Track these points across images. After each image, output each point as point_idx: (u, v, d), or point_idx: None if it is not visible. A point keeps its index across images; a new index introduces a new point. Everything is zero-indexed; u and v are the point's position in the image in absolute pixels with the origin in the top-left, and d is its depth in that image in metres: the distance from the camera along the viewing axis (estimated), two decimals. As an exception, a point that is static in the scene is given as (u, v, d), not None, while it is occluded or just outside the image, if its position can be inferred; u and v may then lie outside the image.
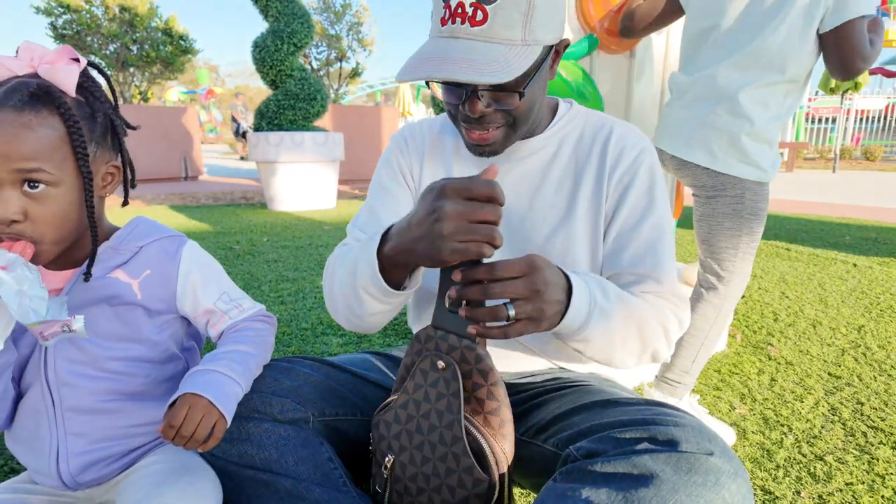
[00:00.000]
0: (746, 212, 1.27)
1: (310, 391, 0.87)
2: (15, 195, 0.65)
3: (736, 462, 0.61)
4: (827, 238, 3.92)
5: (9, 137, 0.63)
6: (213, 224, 4.53)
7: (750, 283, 2.72)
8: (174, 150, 7.96)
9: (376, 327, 0.89)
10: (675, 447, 0.61)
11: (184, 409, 0.70)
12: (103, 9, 8.93)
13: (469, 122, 0.84)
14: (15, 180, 0.65)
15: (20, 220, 0.65)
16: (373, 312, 0.83)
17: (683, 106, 1.33)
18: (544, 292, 0.66)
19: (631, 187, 0.87)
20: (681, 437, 0.62)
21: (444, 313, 0.75)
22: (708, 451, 0.60)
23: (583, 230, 0.89)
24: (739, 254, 1.30)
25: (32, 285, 0.63)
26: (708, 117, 1.27)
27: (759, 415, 1.41)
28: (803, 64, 1.22)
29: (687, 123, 1.31)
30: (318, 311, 2.20)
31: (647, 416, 0.68)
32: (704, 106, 1.28)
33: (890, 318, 2.19)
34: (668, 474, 0.58)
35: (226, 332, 0.87)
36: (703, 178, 1.30)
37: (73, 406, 0.76)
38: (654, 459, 0.60)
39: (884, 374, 1.66)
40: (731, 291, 1.33)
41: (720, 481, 0.58)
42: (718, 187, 1.29)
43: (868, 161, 13.13)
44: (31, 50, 0.68)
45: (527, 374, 0.96)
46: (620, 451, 0.63)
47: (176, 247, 0.83)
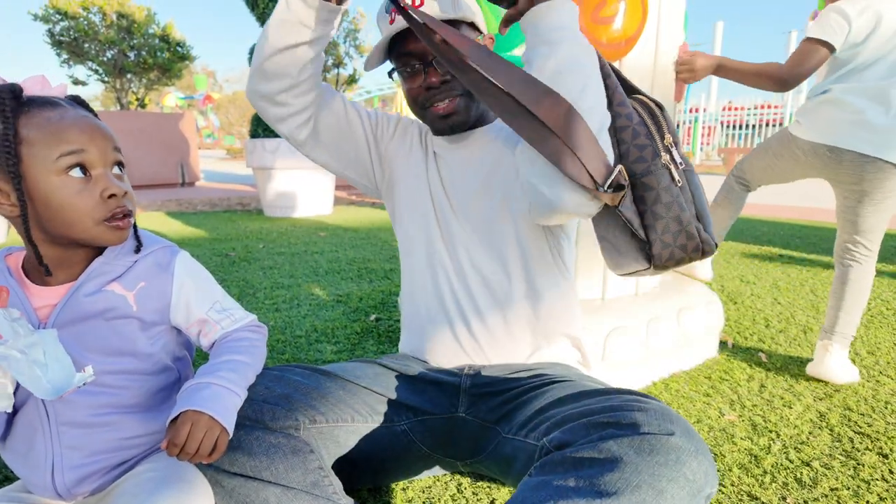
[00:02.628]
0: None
1: (301, 399, 0.89)
2: (114, 174, 0.75)
3: (697, 440, 0.64)
4: (820, 244, 3.95)
5: (101, 124, 0.75)
6: (209, 231, 4.54)
7: (742, 290, 2.74)
8: (171, 156, 7.96)
9: (268, 55, 0.94)
10: (637, 430, 0.64)
11: (186, 427, 0.71)
12: (101, 16, 8.94)
13: (432, 95, 0.98)
14: (113, 160, 0.75)
15: (125, 193, 0.75)
16: (274, 18, 0.91)
17: (882, 114, 1.51)
18: None
19: None
20: (643, 420, 0.65)
21: None
22: (669, 432, 0.63)
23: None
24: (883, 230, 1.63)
25: (27, 335, 0.66)
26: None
27: (747, 421, 1.42)
28: None
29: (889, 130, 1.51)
30: (312, 319, 2.21)
31: (614, 404, 0.70)
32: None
33: (879, 324, 2.21)
34: (632, 457, 0.61)
35: (218, 341, 0.88)
36: (886, 176, 1.52)
37: (68, 420, 0.77)
38: (618, 444, 0.63)
39: (872, 379, 1.68)
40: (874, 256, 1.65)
41: (681, 459, 0.60)
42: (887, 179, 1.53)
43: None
44: (32, 82, 0.76)
45: (515, 370, 0.99)
46: (588, 438, 0.65)
47: (169, 258, 0.85)
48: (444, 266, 1.05)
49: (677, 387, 1.61)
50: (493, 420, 0.92)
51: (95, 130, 0.72)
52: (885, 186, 1.52)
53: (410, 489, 1.12)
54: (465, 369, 1.01)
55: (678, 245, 0.81)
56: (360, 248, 3.78)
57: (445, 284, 1.05)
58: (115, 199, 0.73)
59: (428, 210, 1.07)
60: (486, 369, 1.00)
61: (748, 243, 4.04)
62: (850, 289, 1.64)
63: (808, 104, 1.64)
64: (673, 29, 1.68)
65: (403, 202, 1.11)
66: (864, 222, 1.60)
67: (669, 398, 1.54)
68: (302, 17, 0.89)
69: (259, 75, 0.97)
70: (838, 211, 1.68)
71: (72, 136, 0.70)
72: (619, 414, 0.67)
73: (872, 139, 1.49)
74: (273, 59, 0.93)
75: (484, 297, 1.03)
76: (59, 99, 0.74)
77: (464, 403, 0.97)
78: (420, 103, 1.01)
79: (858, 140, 1.50)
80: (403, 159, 1.12)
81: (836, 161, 1.56)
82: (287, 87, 0.97)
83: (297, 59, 0.93)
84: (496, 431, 0.90)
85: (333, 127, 1.06)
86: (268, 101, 0.99)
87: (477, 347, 1.03)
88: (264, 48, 0.93)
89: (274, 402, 0.86)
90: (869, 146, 1.49)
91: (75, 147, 0.70)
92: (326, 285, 2.75)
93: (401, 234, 1.13)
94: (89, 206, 0.71)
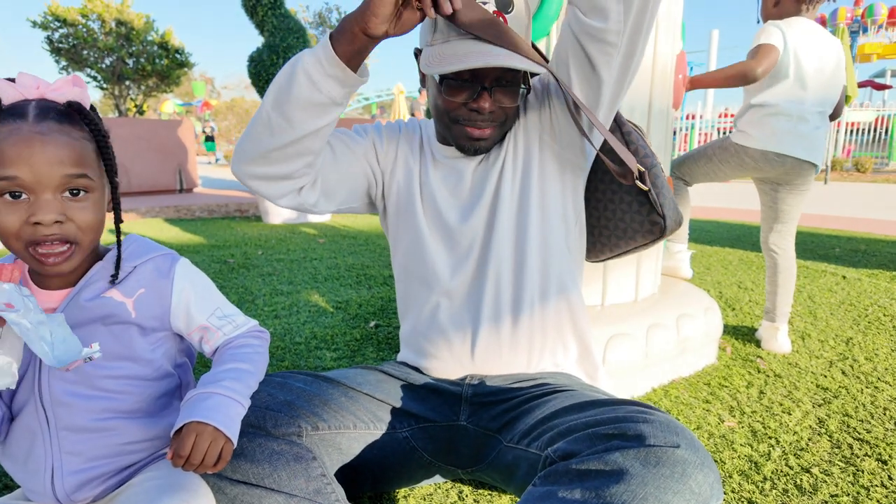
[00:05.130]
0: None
1: (303, 405, 0.89)
2: (59, 199, 0.70)
3: (703, 453, 0.64)
4: (817, 250, 3.97)
5: (61, 144, 0.69)
6: (207, 237, 4.54)
7: (740, 296, 2.75)
8: (169, 163, 7.96)
9: (289, 142, 0.86)
10: (643, 442, 0.64)
11: (191, 438, 0.71)
12: (100, 23, 8.98)
13: (472, 118, 0.94)
14: (61, 185, 0.70)
15: (62, 220, 0.70)
16: (300, 99, 0.82)
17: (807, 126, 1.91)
18: None
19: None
20: (648, 432, 0.65)
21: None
22: (674, 444, 0.63)
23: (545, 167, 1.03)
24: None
25: (36, 313, 0.66)
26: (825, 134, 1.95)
27: (747, 427, 1.42)
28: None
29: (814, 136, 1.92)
30: (311, 326, 2.21)
31: (619, 415, 0.70)
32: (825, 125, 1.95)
33: (877, 330, 2.22)
34: (637, 469, 0.61)
35: (221, 348, 0.88)
36: (809, 174, 1.94)
37: (68, 425, 0.77)
38: (623, 456, 0.63)
39: (870, 386, 1.68)
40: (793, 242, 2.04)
41: (686, 472, 0.61)
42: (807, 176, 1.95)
43: (859, 172, 13.27)
44: (31, 79, 0.73)
45: (517, 379, 0.99)
46: (593, 450, 0.66)
47: (169, 264, 0.85)
48: (440, 280, 1.03)
49: (677, 393, 1.62)
50: (494, 429, 0.92)
51: (39, 153, 0.67)
52: (807, 180, 1.96)
53: (412, 497, 1.12)
54: (466, 378, 1.01)
55: (674, 219, 1.06)
56: (358, 254, 3.78)
57: (442, 297, 1.03)
58: (39, 227, 0.68)
59: (420, 219, 1.05)
60: (489, 379, 1.00)
61: (746, 250, 4.05)
62: (782, 275, 2.01)
63: (753, 117, 1.96)
64: (671, 38, 1.70)
65: (395, 209, 1.09)
66: (787, 212, 2.00)
67: (669, 405, 1.55)
68: (335, 96, 0.82)
69: (262, 160, 0.88)
70: (764, 206, 2.06)
71: (7, 158, 0.66)
72: (625, 425, 0.67)
73: (804, 145, 1.89)
74: (295, 145, 0.86)
75: (485, 311, 1.01)
76: (31, 109, 0.69)
77: (465, 412, 0.97)
78: (454, 118, 0.95)
79: (797, 147, 1.88)
80: (400, 171, 1.08)
81: (780, 164, 1.92)
82: (302, 165, 0.90)
83: (321, 137, 0.88)
84: (497, 440, 0.90)
85: (340, 175, 1.01)
86: (270, 181, 0.92)
87: (477, 361, 1.02)
88: (283, 133, 0.84)
89: (276, 409, 0.86)
90: (804, 151, 1.88)
91: (7, 172, 0.67)
92: (325, 292, 2.76)
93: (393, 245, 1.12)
94: (14, 229, 0.68)
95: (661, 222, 1.04)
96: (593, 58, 0.87)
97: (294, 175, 0.91)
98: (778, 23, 1.88)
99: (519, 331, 1.01)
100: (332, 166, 0.99)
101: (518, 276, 1.00)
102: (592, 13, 0.84)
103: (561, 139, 0.99)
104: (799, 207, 2.00)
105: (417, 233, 1.04)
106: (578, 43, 0.87)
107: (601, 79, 0.89)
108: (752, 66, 1.83)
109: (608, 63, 0.88)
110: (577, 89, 0.92)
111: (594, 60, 0.88)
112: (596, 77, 0.89)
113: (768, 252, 2.05)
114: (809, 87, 1.89)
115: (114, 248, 0.83)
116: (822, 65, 1.89)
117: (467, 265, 1.02)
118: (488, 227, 1.01)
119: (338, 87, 0.82)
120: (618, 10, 0.82)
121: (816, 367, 1.83)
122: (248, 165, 0.91)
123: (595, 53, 0.87)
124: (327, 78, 0.81)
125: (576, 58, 0.89)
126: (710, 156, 2.07)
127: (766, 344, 2.01)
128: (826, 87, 1.92)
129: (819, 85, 1.90)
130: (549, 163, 1.01)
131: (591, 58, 0.88)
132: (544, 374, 1.01)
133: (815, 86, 1.89)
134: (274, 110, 0.84)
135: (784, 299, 2.01)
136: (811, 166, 1.91)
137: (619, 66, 0.89)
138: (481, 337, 1.00)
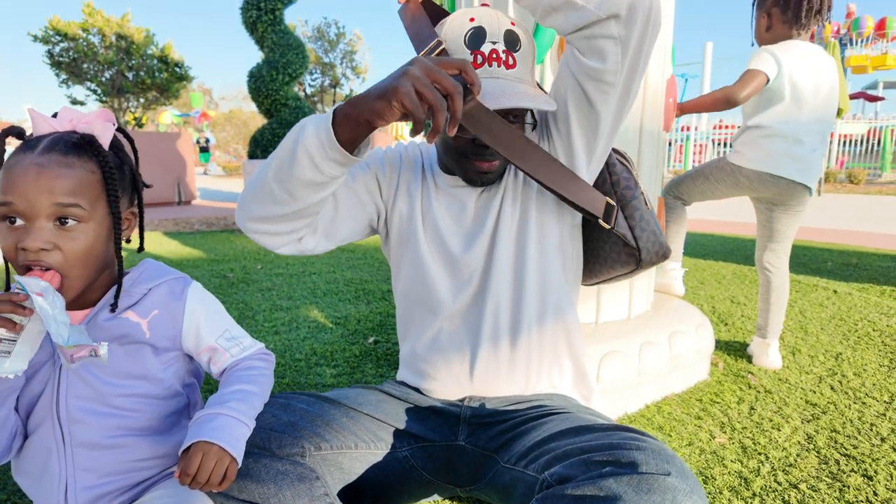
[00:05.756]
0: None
1: (306, 426, 0.92)
2: (47, 227, 0.74)
3: (692, 481, 0.68)
4: (810, 264, 4.02)
5: (55, 174, 0.73)
6: (206, 251, 4.57)
7: (733, 311, 2.80)
8: (168, 175, 8.02)
9: (291, 211, 0.91)
10: (636, 469, 0.67)
11: (198, 457, 0.74)
12: (100, 37, 9.06)
13: (480, 153, 0.98)
14: (51, 214, 0.73)
15: (48, 248, 0.73)
16: (302, 179, 0.85)
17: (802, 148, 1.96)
18: None
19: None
20: (641, 459, 0.68)
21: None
22: (665, 472, 0.67)
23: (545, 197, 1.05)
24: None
25: (61, 312, 0.70)
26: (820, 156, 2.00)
27: (737, 443, 1.46)
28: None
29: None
30: (311, 342, 2.24)
31: (613, 441, 0.74)
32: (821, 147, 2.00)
33: (866, 345, 2.26)
34: (630, 495, 0.65)
35: (228, 369, 0.92)
36: (803, 196, 1.99)
37: (83, 442, 0.81)
38: (617, 482, 0.66)
39: (858, 402, 1.72)
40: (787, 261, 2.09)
41: (676, 499, 0.64)
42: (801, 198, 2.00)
43: (853, 184, 13.40)
44: (70, 112, 0.79)
45: (514, 401, 1.02)
46: (588, 475, 0.69)
47: (182, 287, 0.89)
48: (442, 305, 1.06)
49: (669, 409, 1.65)
50: (492, 449, 0.95)
51: (32, 182, 0.72)
52: (801, 202, 2.00)
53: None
54: (465, 400, 1.05)
55: (654, 251, 1.07)
56: (357, 268, 3.82)
57: (441, 320, 1.06)
58: (26, 252, 0.72)
59: (423, 247, 1.07)
60: (487, 401, 1.04)
61: (739, 263, 4.10)
62: (775, 293, 2.06)
63: (748, 138, 2.01)
64: (661, 62, 1.76)
65: (397, 237, 1.12)
66: (781, 231, 2.04)
67: (662, 421, 1.58)
68: (336, 175, 0.86)
69: (265, 221, 0.94)
70: (759, 225, 2.12)
71: (6, 185, 0.72)
72: (619, 452, 0.70)
73: (799, 168, 1.93)
74: (298, 212, 0.91)
75: (484, 334, 1.04)
76: (44, 141, 0.75)
77: (464, 432, 1.01)
78: (462, 152, 0.99)
79: (791, 169, 1.93)
80: (402, 199, 1.10)
81: (775, 184, 1.96)
82: (304, 225, 0.96)
83: (323, 204, 0.93)
84: (495, 460, 0.94)
85: (341, 217, 1.04)
86: (272, 236, 0.97)
87: (476, 383, 1.05)
88: (286, 205, 0.89)
89: (280, 430, 0.89)
90: (797, 174, 1.93)
91: (4, 198, 0.72)
92: (325, 307, 2.79)
93: (394, 265, 1.15)
94: (11, 252, 0.74)
95: (636, 254, 1.07)
96: (591, 96, 0.92)
97: (296, 231, 0.96)
98: (773, 48, 1.93)
99: (517, 354, 1.04)
100: (333, 211, 1.02)
101: (516, 301, 1.04)
102: (591, 54, 0.88)
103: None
104: (794, 227, 2.04)
105: (420, 260, 1.07)
106: (577, 82, 0.92)
107: (599, 114, 0.94)
108: (736, 91, 1.90)
109: (606, 101, 0.92)
110: (576, 124, 0.96)
111: (592, 98, 0.92)
112: (594, 113, 0.94)
113: (762, 270, 2.09)
114: (805, 109, 1.93)
115: (133, 270, 0.88)
116: (818, 86, 1.93)
117: (468, 291, 1.05)
118: (489, 256, 1.04)
119: (338, 168, 0.85)
120: (615, 51, 0.87)
121: (806, 383, 1.87)
122: (251, 223, 0.95)
123: (593, 92, 0.91)
124: (328, 161, 0.83)
125: (574, 96, 0.94)
126: (706, 175, 2.12)
127: (757, 360, 2.05)
128: (822, 106, 1.96)
129: (815, 105, 1.94)
130: (547, 193, 1.04)
131: (588, 96, 0.92)
132: (541, 396, 1.04)
133: (811, 107, 1.93)
134: (276, 184, 0.88)
135: (776, 317, 2.05)
136: (805, 188, 1.96)
137: (617, 104, 0.94)
138: (480, 360, 1.03)
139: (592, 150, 0.99)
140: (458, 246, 1.06)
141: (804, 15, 1.91)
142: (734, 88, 1.91)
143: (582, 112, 0.95)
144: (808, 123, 1.94)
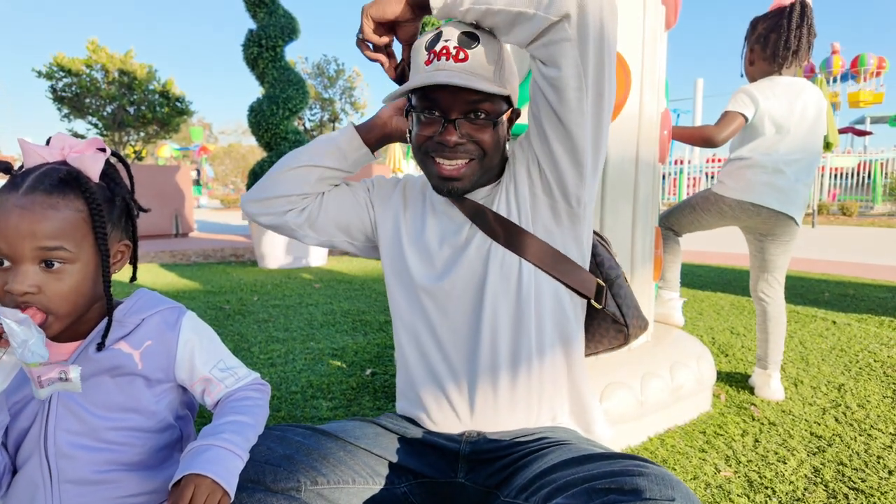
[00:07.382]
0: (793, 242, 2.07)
1: (302, 460, 0.90)
2: (32, 270, 0.72)
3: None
4: (808, 294, 4.02)
5: (38, 217, 0.71)
6: (203, 283, 4.54)
7: (733, 342, 2.78)
8: (166, 208, 8.05)
9: (298, 185, 1.08)
10: (639, 496, 0.66)
11: (189, 490, 0.72)
12: (103, 73, 9.22)
13: (442, 151, 0.95)
14: (35, 257, 0.72)
15: (34, 292, 0.72)
16: (322, 163, 1.07)
17: (784, 180, 1.99)
18: None
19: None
20: (644, 486, 0.67)
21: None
22: (670, 498, 0.65)
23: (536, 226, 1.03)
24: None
25: (37, 343, 0.68)
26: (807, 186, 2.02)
27: (743, 477, 1.43)
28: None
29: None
30: (308, 374, 2.21)
31: (615, 469, 0.72)
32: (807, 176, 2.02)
33: (868, 376, 2.24)
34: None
35: (222, 400, 0.90)
36: (789, 226, 2.01)
37: (71, 478, 0.78)
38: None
39: (863, 433, 1.69)
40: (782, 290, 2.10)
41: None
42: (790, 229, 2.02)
43: (845, 216, 13.53)
44: (62, 140, 0.77)
45: (515, 436, 0.99)
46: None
47: (176, 317, 0.88)
48: (434, 332, 1.04)
49: (673, 442, 1.62)
50: (493, 485, 0.93)
51: (14, 226, 0.70)
52: (787, 232, 2.02)
53: (408, 552, 1.11)
54: (464, 435, 1.02)
55: (638, 326, 1.11)
56: (354, 299, 3.79)
57: (438, 352, 1.04)
58: (10, 295, 0.71)
59: (409, 262, 1.06)
60: (487, 435, 1.00)
61: (737, 294, 4.10)
62: (772, 322, 2.07)
63: (731, 168, 2.07)
64: (655, 95, 1.79)
65: (392, 272, 1.10)
66: (772, 261, 2.06)
67: (666, 454, 1.55)
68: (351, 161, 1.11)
69: (266, 203, 1.09)
70: (751, 255, 2.14)
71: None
72: (621, 479, 0.69)
73: (780, 198, 1.96)
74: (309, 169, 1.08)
75: (482, 366, 1.01)
76: (28, 180, 0.73)
77: (463, 469, 0.98)
78: (424, 150, 0.98)
79: (771, 199, 1.96)
80: (389, 211, 1.12)
81: (756, 214, 1.99)
82: (298, 192, 1.09)
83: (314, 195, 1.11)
84: (496, 496, 0.91)
85: (335, 209, 1.12)
86: (274, 215, 1.10)
87: (476, 417, 1.02)
88: (296, 178, 1.08)
89: (276, 463, 0.87)
90: (777, 203, 1.96)
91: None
92: (321, 339, 2.76)
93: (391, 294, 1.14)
94: (1, 292, 0.73)
95: (624, 330, 1.10)
96: (561, 109, 0.88)
97: (284, 207, 1.08)
98: (750, 88, 1.99)
99: (517, 386, 1.01)
100: (326, 201, 1.10)
101: (515, 332, 1.00)
102: (551, 62, 0.87)
103: (552, 193, 0.99)
104: (784, 257, 2.06)
105: (411, 289, 1.06)
106: (544, 96, 0.89)
107: (571, 132, 0.90)
108: (715, 133, 1.98)
109: (580, 109, 0.88)
110: (556, 145, 0.93)
111: (560, 113, 0.89)
112: (566, 130, 0.90)
113: (758, 300, 2.10)
114: (788, 139, 1.97)
115: (126, 300, 0.86)
116: (803, 116, 1.97)
117: (459, 316, 1.02)
118: (480, 280, 1.00)
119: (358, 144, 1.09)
120: (573, 54, 0.85)
121: (810, 415, 1.84)
122: (249, 203, 1.11)
123: (558, 104, 0.88)
124: (351, 144, 1.08)
125: (546, 112, 0.91)
126: (693, 205, 2.17)
127: (759, 391, 2.03)
128: (805, 137, 1.99)
129: (799, 136, 1.97)
130: (544, 213, 1.01)
131: (556, 110, 0.89)
132: (543, 429, 1.01)
133: (793, 138, 1.97)
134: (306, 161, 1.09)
135: (775, 347, 2.04)
136: (788, 219, 1.98)
137: (592, 112, 0.90)
138: (479, 393, 1.00)
139: (581, 164, 0.94)
140: (442, 268, 1.03)
141: (780, 54, 1.97)
142: (714, 131, 1.98)
143: (557, 128, 0.91)
144: (789, 153, 1.97)
